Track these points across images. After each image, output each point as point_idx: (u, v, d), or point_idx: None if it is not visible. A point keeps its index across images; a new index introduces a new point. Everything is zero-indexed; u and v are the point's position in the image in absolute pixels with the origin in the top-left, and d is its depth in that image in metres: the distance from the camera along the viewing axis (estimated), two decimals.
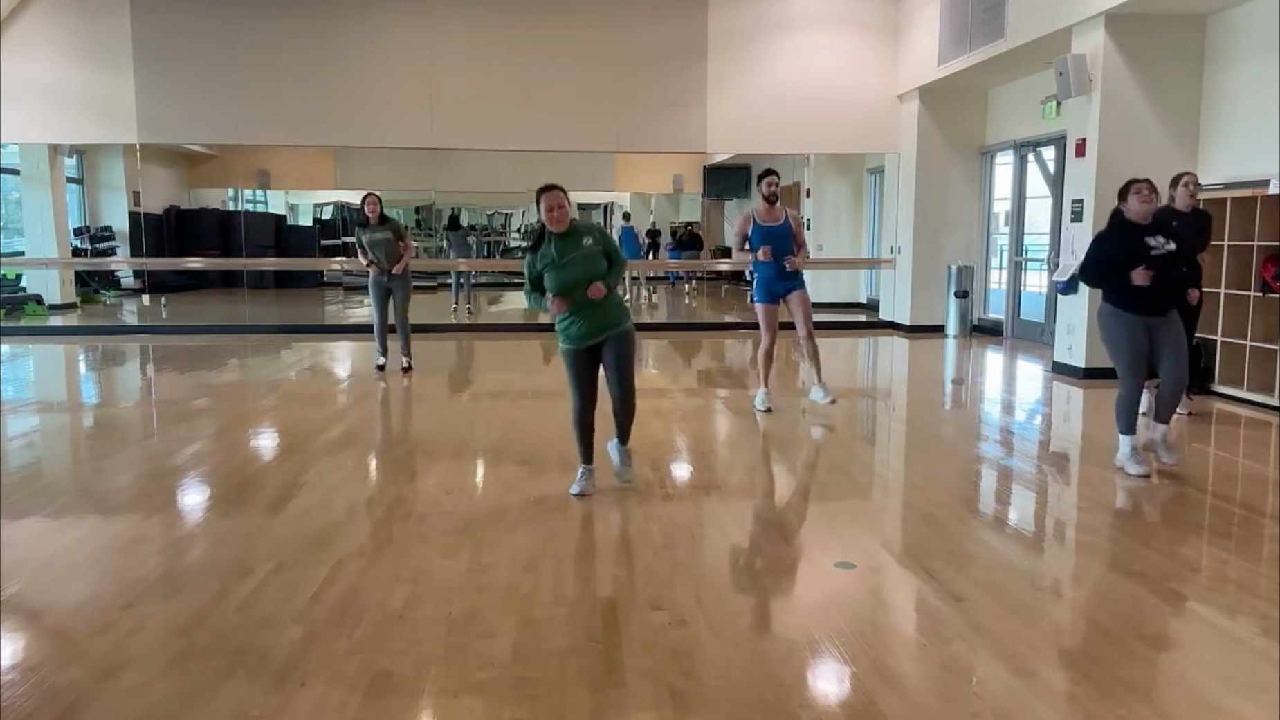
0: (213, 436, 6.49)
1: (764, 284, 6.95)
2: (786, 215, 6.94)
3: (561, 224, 4.56)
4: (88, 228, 17.22)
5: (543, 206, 4.55)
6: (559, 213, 4.55)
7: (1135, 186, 4.97)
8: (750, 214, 7.01)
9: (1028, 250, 11.91)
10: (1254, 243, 7.30)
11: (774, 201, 6.88)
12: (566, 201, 4.59)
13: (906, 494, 5.25)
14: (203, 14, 12.23)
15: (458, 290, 15.30)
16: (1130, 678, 2.90)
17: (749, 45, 12.63)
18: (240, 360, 10.62)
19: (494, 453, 5.94)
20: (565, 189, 4.60)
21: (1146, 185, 4.98)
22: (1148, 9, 8.06)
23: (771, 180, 6.89)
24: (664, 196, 24.04)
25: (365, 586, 3.60)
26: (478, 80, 12.48)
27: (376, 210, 8.68)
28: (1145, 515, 4.77)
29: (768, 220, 6.89)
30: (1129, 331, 5.03)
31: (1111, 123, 8.35)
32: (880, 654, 3.06)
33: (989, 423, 7.31)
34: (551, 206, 4.54)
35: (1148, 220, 5.01)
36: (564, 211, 4.56)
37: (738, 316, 16.44)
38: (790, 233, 6.90)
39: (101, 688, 2.81)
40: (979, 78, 11.39)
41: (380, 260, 8.63)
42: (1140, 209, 4.97)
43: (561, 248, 4.58)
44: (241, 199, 20.43)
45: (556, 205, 4.54)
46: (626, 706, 2.71)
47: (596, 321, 4.65)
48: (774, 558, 4.11)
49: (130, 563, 3.93)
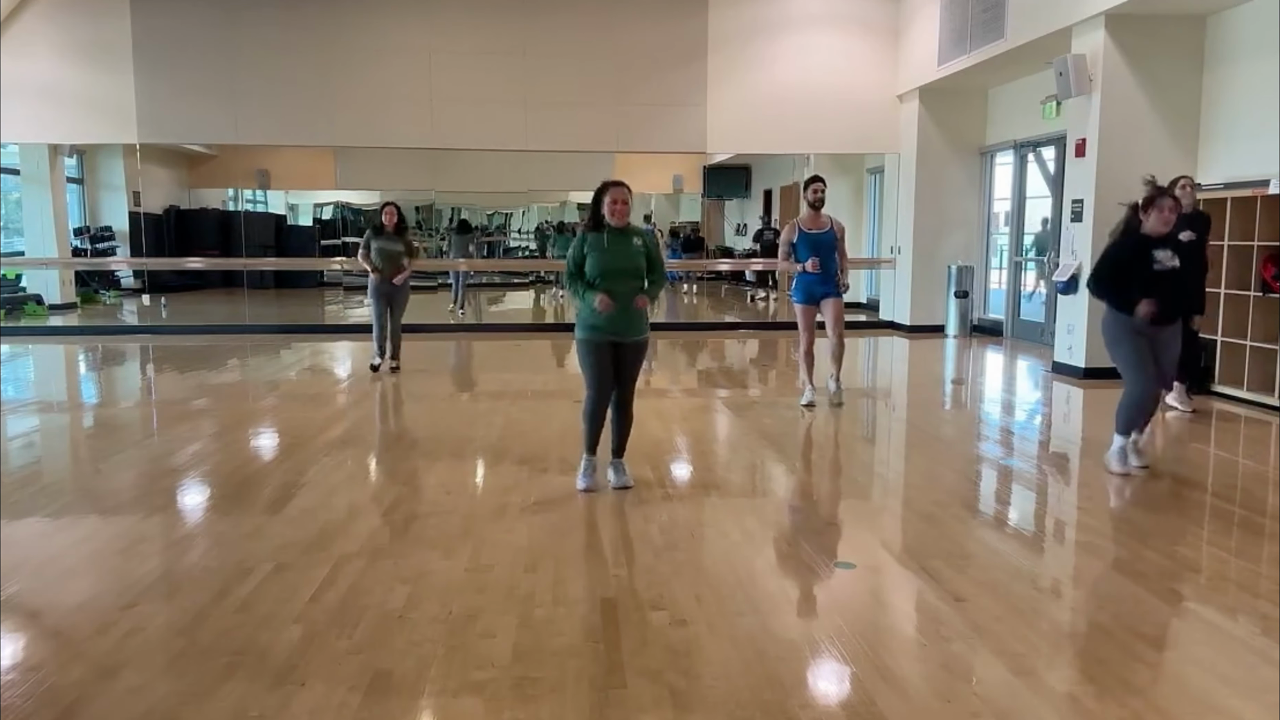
0: (213, 436, 6.49)
1: (804, 286, 7.02)
2: (832, 224, 6.96)
3: (623, 219, 4.67)
4: (88, 228, 17.22)
5: (606, 199, 4.64)
6: (622, 207, 4.65)
7: (1160, 204, 4.81)
8: (795, 222, 7.03)
9: (1027, 250, 11.92)
10: (1254, 243, 7.30)
11: (819, 208, 6.90)
12: (630, 199, 4.68)
13: (906, 494, 5.25)
14: (203, 15, 12.24)
15: (458, 291, 15.34)
16: (1130, 678, 2.90)
17: (749, 45, 12.64)
18: (240, 360, 10.62)
19: (494, 453, 5.94)
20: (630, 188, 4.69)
21: (1172, 202, 4.85)
22: (1148, 9, 8.06)
23: (817, 187, 6.92)
24: (664, 196, 24.04)
25: (365, 586, 3.60)
26: (478, 80, 12.48)
27: (394, 220, 8.82)
28: (1145, 515, 4.76)
29: (813, 227, 6.92)
30: (1132, 336, 5.03)
31: (1111, 123, 8.35)
32: (880, 654, 3.06)
33: (989, 423, 7.31)
34: (616, 200, 4.64)
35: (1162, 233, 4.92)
36: (627, 207, 4.67)
37: (738, 316, 16.45)
38: (835, 241, 6.94)
39: (101, 688, 2.81)
40: (979, 78, 11.39)
41: (383, 269, 8.70)
42: (1158, 227, 4.86)
43: (612, 240, 4.69)
44: (241, 199, 20.43)
45: (621, 200, 4.65)
46: (626, 706, 2.71)
47: (624, 321, 4.71)
48: (774, 557, 4.11)
49: (130, 563, 3.93)
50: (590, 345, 4.76)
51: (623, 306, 4.68)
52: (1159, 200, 4.86)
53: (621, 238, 4.71)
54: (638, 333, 4.80)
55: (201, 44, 12.26)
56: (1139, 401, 5.12)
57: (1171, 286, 4.94)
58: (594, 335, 4.74)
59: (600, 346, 4.74)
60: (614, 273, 4.66)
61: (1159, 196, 4.90)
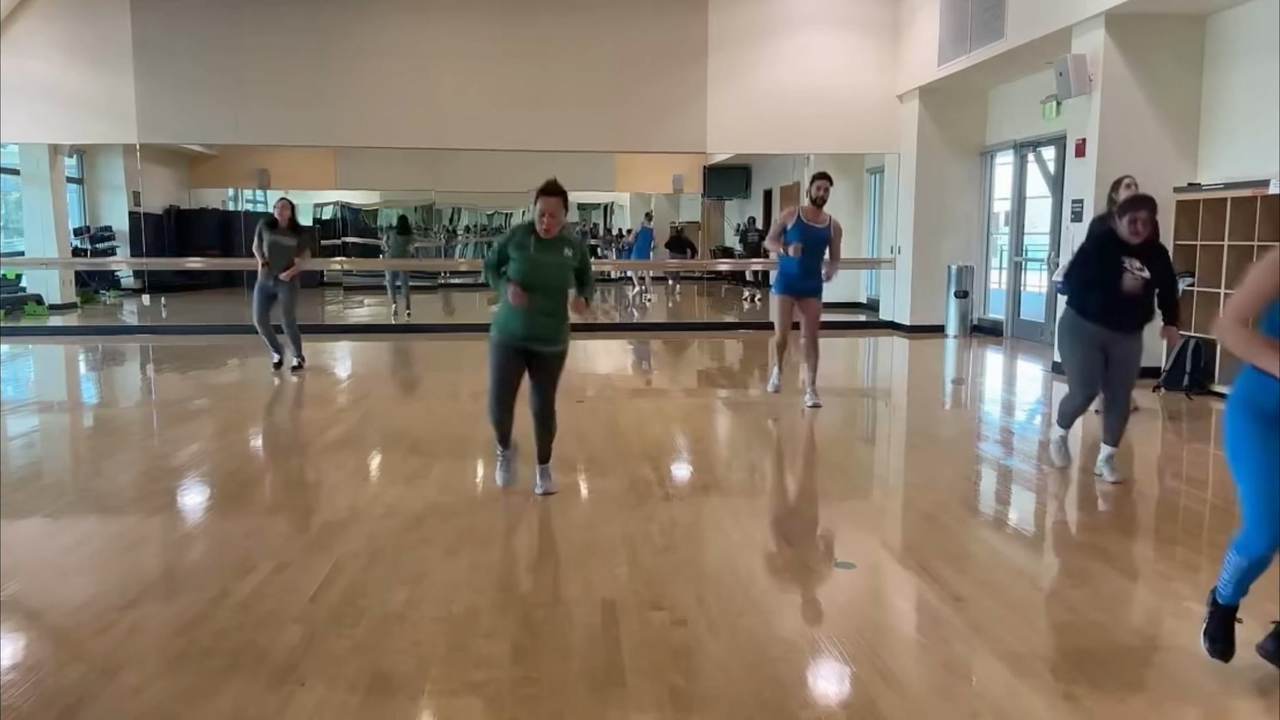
0: (213, 436, 6.49)
1: (785, 278, 7.06)
2: (830, 222, 6.99)
3: (551, 234, 4.43)
4: (88, 228, 17.23)
5: (538, 208, 4.40)
6: (550, 222, 4.40)
7: (1133, 215, 4.69)
8: (796, 210, 7.07)
9: (1027, 250, 11.92)
10: (1254, 243, 7.30)
11: (821, 205, 6.94)
12: (563, 212, 4.44)
13: (906, 494, 5.25)
14: (203, 14, 12.24)
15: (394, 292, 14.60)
16: (1130, 678, 2.90)
17: (749, 45, 12.63)
18: (240, 360, 10.62)
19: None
20: (566, 196, 4.45)
21: (1146, 215, 4.69)
22: (1148, 9, 8.06)
23: (822, 184, 6.98)
24: (664, 196, 24.04)
25: (365, 586, 3.60)
26: (477, 80, 12.48)
27: (288, 215, 8.78)
28: (1145, 516, 4.77)
29: (812, 220, 6.96)
30: (1086, 345, 4.92)
31: (1111, 123, 8.35)
32: (880, 654, 3.06)
33: (989, 423, 7.31)
34: (546, 212, 4.38)
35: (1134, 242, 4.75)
36: (555, 221, 4.41)
37: (737, 316, 16.45)
38: (827, 239, 6.98)
39: (101, 688, 2.81)
40: (979, 78, 11.39)
41: (273, 264, 8.67)
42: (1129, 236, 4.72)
43: (540, 248, 4.46)
44: (241, 199, 20.44)
45: (551, 213, 4.39)
46: (626, 706, 2.71)
47: (539, 328, 4.51)
48: (774, 557, 4.11)
49: (130, 563, 3.93)
50: (499, 347, 4.56)
51: (541, 312, 4.47)
52: (1131, 211, 4.72)
53: (550, 247, 4.46)
54: (554, 342, 4.58)
55: (202, 44, 12.27)
56: (1078, 407, 5.14)
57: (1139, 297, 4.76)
58: (506, 338, 4.54)
59: (509, 350, 4.54)
60: (535, 285, 4.43)
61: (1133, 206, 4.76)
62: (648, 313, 16.74)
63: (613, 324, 15.13)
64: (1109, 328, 4.85)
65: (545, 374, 4.64)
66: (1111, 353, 4.90)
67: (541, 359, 4.60)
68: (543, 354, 4.59)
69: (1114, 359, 4.91)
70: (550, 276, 4.48)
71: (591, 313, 4.75)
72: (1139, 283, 4.71)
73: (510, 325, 4.51)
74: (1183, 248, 8.08)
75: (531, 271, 4.43)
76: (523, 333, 4.51)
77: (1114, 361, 4.91)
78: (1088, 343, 4.92)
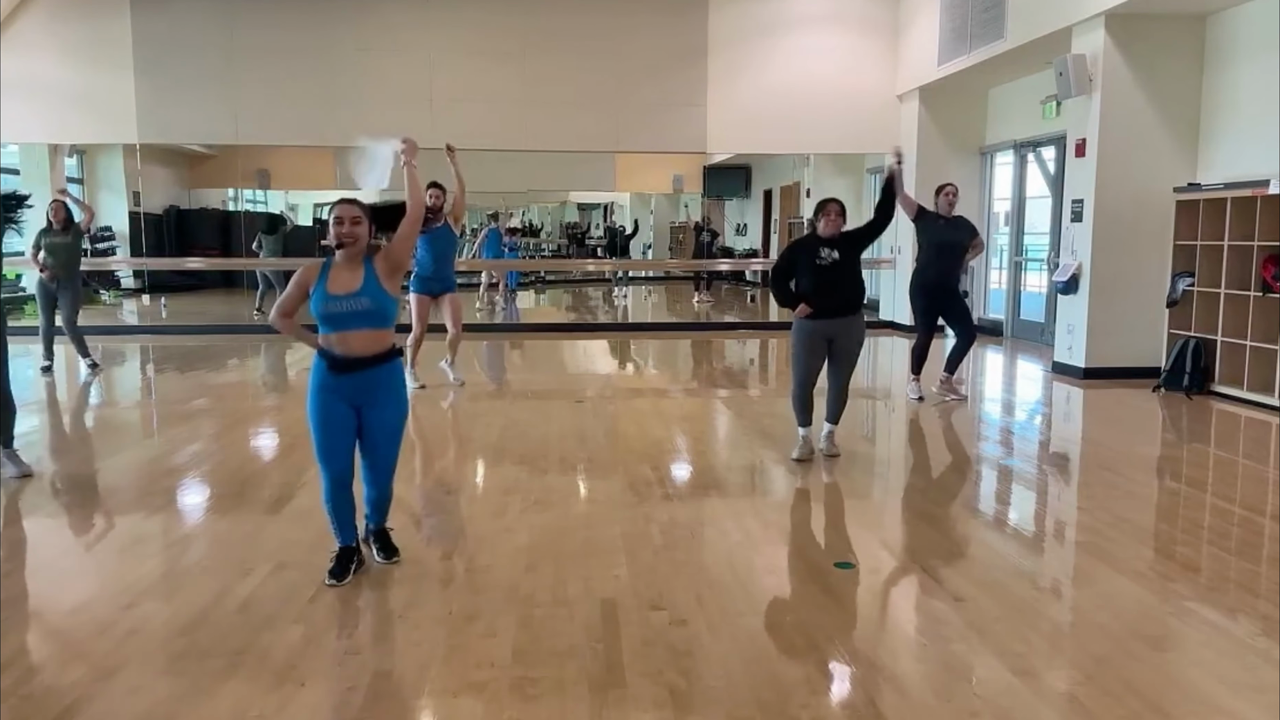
0: (213, 436, 6.49)
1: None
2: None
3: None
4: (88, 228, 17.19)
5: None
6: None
7: (826, 208, 5.40)
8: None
9: (1027, 250, 11.91)
10: (1254, 243, 7.30)
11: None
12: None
13: (906, 494, 5.25)
14: (203, 14, 12.23)
15: (264, 294, 13.78)
16: (1130, 678, 2.89)
17: (749, 45, 12.63)
18: (240, 360, 10.62)
19: (494, 453, 5.93)
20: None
21: (835, 208, 5.39)
22: (1148, 9, 8.05)
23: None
24: (664, 196, 24.05)
25: (366, 586, 3.60)
26: (477, 80, 12.47)
27: (61, 215, 8.74)
28: (1145, 515, 4.77)
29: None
30: (806, 343, 5.48)
31: (1111, 123, 8.34)
32: (880, 654, 3.06)
33: (989, 423, 7.31)
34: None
35: (831, 236, 5.38)
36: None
37: (737, 316, 16.45)
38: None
39: (101, 688, 2.81)
40: (979, 78, 11.38)
41: (53, 266, 8.62)
42: (827, 230, 5.37)
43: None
44: (241, 199, 20.43)
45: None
46: (626, 706, 2.71)
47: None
48: (774, 557, 4.11)
49: (130, 563, 3.93)
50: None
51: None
52: (822, 208, 5.42)
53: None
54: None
55: (202, 44, 12.25)
56: (799, 395, 5.57)
57: (833, 278, 5.34)
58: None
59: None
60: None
61: (825, 204, 5.44)
62: (498, 315, 15.86)
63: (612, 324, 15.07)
64: (821, 316, 5.44)
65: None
66: (835, 345, 5.51)
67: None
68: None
69: (836, 351, 5.53)
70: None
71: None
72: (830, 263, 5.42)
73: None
74: (1183, 248, 8.09)
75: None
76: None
77: (836, 354, 5.54)
78: (808, 337, 5.52)
